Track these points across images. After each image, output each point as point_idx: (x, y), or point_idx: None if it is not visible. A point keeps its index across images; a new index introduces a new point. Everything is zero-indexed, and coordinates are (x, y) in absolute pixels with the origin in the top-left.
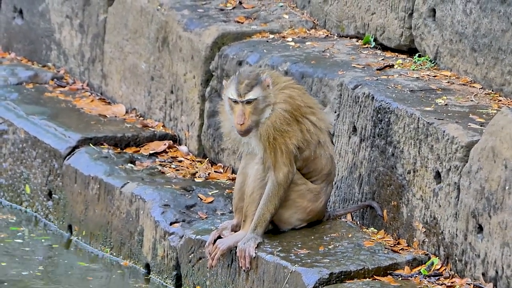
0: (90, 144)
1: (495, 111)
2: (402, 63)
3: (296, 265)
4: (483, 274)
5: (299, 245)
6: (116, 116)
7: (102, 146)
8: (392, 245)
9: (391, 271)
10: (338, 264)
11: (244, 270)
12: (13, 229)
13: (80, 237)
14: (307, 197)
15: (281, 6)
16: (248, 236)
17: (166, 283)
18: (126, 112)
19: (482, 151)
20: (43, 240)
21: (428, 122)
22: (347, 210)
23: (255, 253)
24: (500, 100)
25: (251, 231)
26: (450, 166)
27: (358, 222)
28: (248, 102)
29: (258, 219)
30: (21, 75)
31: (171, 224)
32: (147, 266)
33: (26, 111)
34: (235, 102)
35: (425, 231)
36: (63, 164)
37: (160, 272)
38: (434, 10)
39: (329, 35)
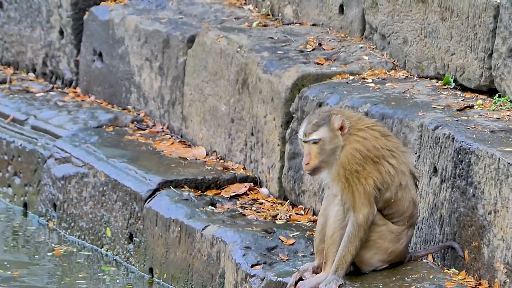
0: (171, 187)
1: None
2: (482, 104)
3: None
4: None
5: (381, 286)
6: (196, 159)
7: (183, 189)
8: (474, 286)
9: None
10: None
11: None
12: (105, 269)
13: (161, 280)
14: (388, 238)
15: (361, 48)
16: (330, 278)
17: None
18: (207, 154)
19: None
20: (125, 284)
21: (509, 163)
22: (428, 251)
23: None
24: None
25: (332, 273)
26: None
27: (439, 263)
28: (314, 142)
29: (339, 260)
30: (101, 118)
31: (252, 266)
32: None
33: (107, 154)
34: (302, 141)
35: (506, 272)
36: (144, 207)
37: None
38: None
39: (409, 76)
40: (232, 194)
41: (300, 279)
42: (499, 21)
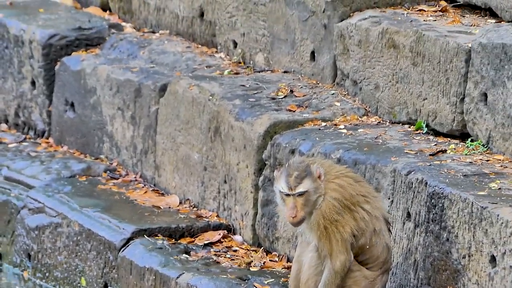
0: (145, 236)
1: None
2: (454, 148)
3: None
4: None
5: None
6: (170, 207)
7: (157, 237)
8: None
9: None
10: None
11: None
12: None
13: None
14: (363, 284)
15: (333, 94)
16: None
17: None
18: (180, 202)
19: None
20: None
21: (482, 207)
22: None
23: None
24: None
25: None
26: (505, 250)
27: None
28: (300, 194)
29: None
30: (74, 168)
31: None
32: None
33: (80, 203)
34: (287, 195)
35: None
36: (118, 256)
37: None
38: (485, 95)
39: (381, 121)
40: (206, 242)
41: None
42: (470, 66)
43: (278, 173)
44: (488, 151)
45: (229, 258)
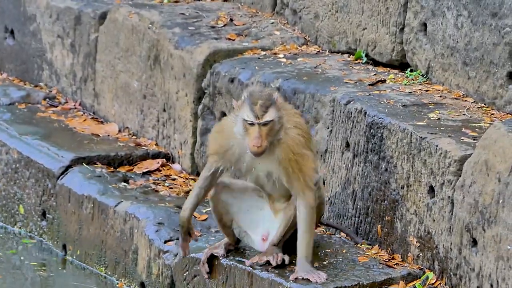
0: (83, 164)
1: (487, 125)
2: (394, 78)
3: (291, 281)
4: None
5: (294, 261)
6: (109, 135)
7: (95, 165)
8: (387, 260)
9: (386, 286)
10: (332, 280)
11: None
12: (11, 252)
13: (74, 256)
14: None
15: (272, 23)
16: (305, 267)
17: None
18: (119, 131)
19: (475, 165)
20: (37, 261)
21: (421, 137)
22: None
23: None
24: (493, 114)
25: (304, 260)
26: (444, 181)
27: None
28: (265, 124)
29: (307, 248)
30: (13, 95)
31: (165, 242)
32: (142, 285)
33: (19, 131)
34: (251, 124)
35: (419, 246)
36: (57, 184)
37: None
38: (425, 25)
39: (320, 51)
40: (144, 171)
41: (212, 255)
42: None
43: (239, 101)
44: (427, 81)
45: (167, 186)
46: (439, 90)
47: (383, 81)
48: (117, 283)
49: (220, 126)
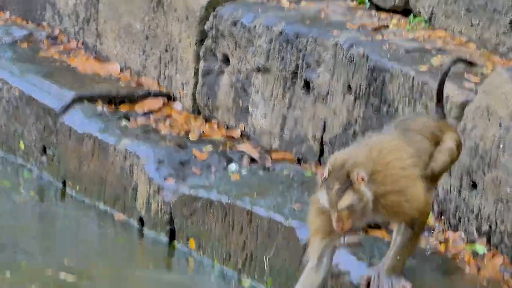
0: (85, 102)
1: (489, 71)
2: (397, 24)
3: (290, 219)
4: (476, 229)
5: (294, 200)
6: (110, 75)
7: (97, 104)
8: None
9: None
10: None
11: None
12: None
13: (74, 192)
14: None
15: None
16: (395, 279)
17: (160, 236)
18: (121, 70)
19: (476, 110)
20: (37, 193)
21: (423, 82)
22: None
23: None
24: (495, 60)
25: (391, 272)
26: None
27: None
28: (342, 209)
29: (399, 261)
30: (15, 34)
31: (165, 179)
32: (140, 220)
33: (21, 69)
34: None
35: None
36: (58, 122)
37: (154, 226)
38: None
39: None
40: (146, 110)
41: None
42: None
43: (321, 179)
44: (430, 28)
45: (168, 125)
46: (441, 36)
47: (386, 27)
48: (116, 217)
49: (315, 203)
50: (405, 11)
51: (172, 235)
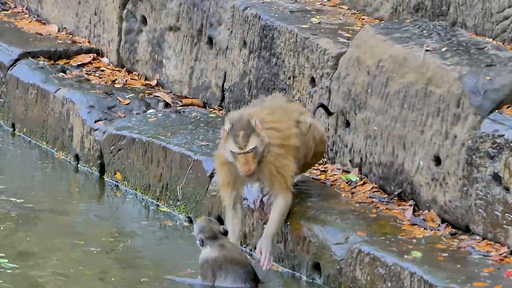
0: (29, 57)
1: (359, 28)
2: None
3: (198, 154)
4: (350, 161)
5: (201, 138)
6: (50, 34)
7: (39, 59)
8: None
9: None
10: None
11: None
12: None
13: (22, 133)
14: None
15: None
16: (268, 241)
17: (92, 170)
18: (58, 30)
19: (349, 60)
20: None
21: (305, 37)
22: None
23: None
24: (364, 19)
25: (270, 239)
26: (323, 73)
27: None
28: (249, 151)
29: (274, 231)
30: None
31: (95, 122)
32: (76, 157)
33: None
34: (238, 153)
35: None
36: (7, 74)
37: (87, 161)
38: None
39: None
40: (79, 63)
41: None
42: None
43: (224, 132)
44: None
45: (97, 76)
46: None
47: None
48: (56, 155)
49: (219, 159)
50: None
51: (102, 170)
